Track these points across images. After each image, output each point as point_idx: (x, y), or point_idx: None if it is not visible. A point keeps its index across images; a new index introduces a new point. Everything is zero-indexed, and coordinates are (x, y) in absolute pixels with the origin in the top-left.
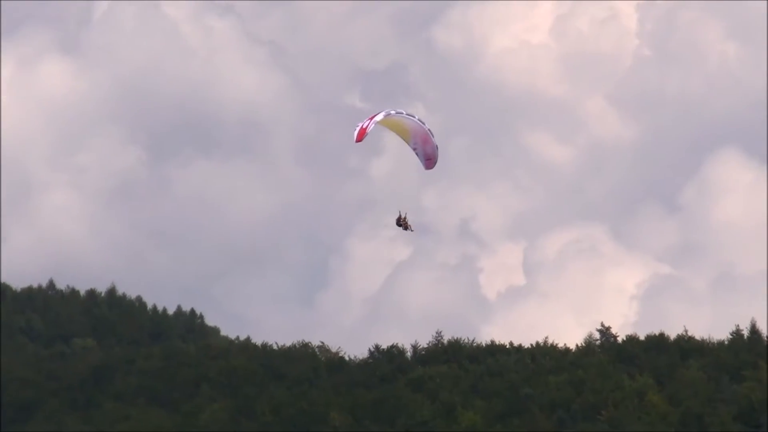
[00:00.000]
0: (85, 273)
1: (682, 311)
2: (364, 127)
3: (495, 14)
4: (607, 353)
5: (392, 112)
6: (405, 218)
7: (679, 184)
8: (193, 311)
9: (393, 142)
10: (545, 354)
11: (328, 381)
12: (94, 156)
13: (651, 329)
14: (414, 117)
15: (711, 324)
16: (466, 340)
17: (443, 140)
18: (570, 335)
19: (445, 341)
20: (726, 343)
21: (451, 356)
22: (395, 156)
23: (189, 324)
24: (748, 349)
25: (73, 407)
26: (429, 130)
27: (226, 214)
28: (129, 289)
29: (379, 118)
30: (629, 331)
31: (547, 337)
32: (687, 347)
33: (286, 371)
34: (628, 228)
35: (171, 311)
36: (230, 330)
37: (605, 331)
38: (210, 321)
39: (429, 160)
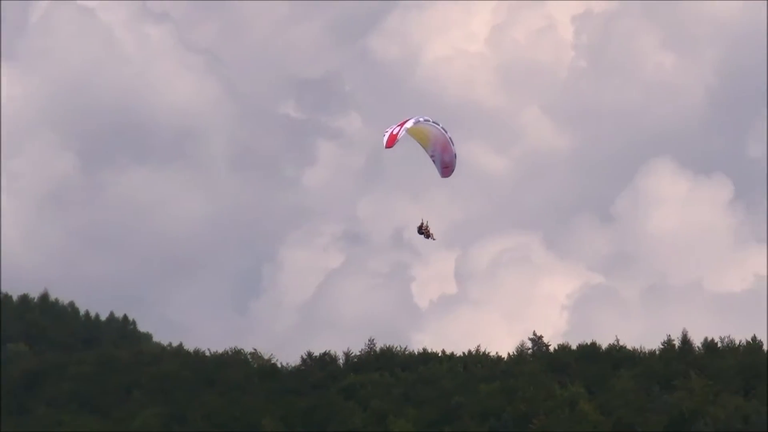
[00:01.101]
0: (18, 278)
1: (614, 321)
2: (395, 133)
3: (432, 22)
4: (539, 362)
5: (421, 119)
6: (427, 226)
7: (612, 195)
8: (125, 317)
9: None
10: (477, 362)
11: (261, 388)
12: (28, 162)
13: (583, 338)
14: (438, 125)
15: (642, 334)
16: (398, 348)
17: (379, 149)
18: (502, 344)
19: (378, 349)
20: (657, 353)
21: (383, 364)
22: (329, 165)
23: (121, 330)
24: (679, 359)
25: (6, 412)
26: (450, 138)
27: (160, 221)
28: (62, 294)
29: (410, 124)
30: (561, 340)
31: (479, 346)
32: (618, 357)
33: (219, 378)
34: (561, 238)
35: (104, 317)
36: (162, 336)
37: (537, 340)
38: (142, 327)
39: (446, 168)
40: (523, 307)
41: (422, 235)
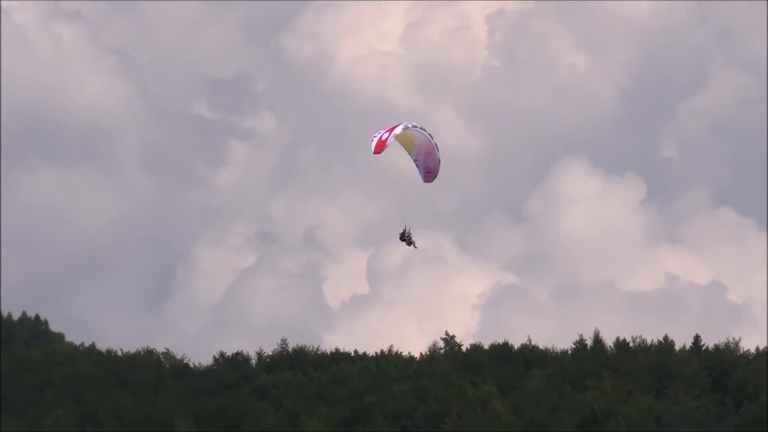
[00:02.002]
0: None
1: (526, 320)
2: (383, 139)
3: (345, 22)
4: (452, 362)
5: (410, 125)
6: (410, 234)
7: (525, 194)
8: (37, 317)
9: None
10: (389, 362)
11: (173, 388)
12: None
13: (495, 338)
14: (425, 131)
15: (555, 334)
16: (310, 348)
17: (292, 149)
18: (414, 343)
19: (290, 349)
20: (569, 352)
21: (295, 364)
22: (241, 165)
23: (34, 330)
24: (591, 359)
25: None
26: (435, 144)
27: (72, 221)
28: None
29: (398, 130)
30: (473, 340)
31: (391, 346)
32: (531, 356)
33: (131, 377)
34: (474, 237)
35: (16, 317)
36: (75, 336)
37: (450, 340)
38: (54, 327)
39: (429, 173)
40: (436, 307)
41: (404, 242)
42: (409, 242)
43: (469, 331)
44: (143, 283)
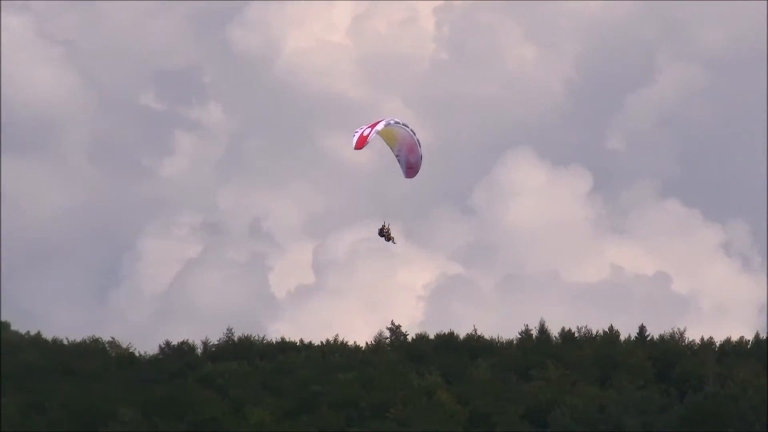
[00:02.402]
0: None
1: (472, 311)
2: (365, 135)
3: (292, 13)
4: (397, 351)
5: (392, 121)
6: (389, 229)
7: (471, 186)
8: None
9: None
10: (335, 352)
11: (118, 376)
12: None
13: (441, 328)
14: (407, 127)
15: (500, 324)
16: (256, 338)
17: (239, 140)
18: (360, 333)
19: (236, 338)
20: (515, 342)
21: (241, 353)
22: (188, 156)
23: None
24: (536, 349)
25: None
26: (418, 140)
27: (18, 211)
28: None
29: (380, 127)
30: (419, 330)
31: (337, 335)
32: (476, 346)
33: (77, 366)
34: (420, 228)
35: None
36: (21, 325)
37: (395, 330)
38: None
39: (411, 168)
40: (381, 297)
41: (383, 238)
42: (388, 238)
43: (415, 321)
44: (89, 272)
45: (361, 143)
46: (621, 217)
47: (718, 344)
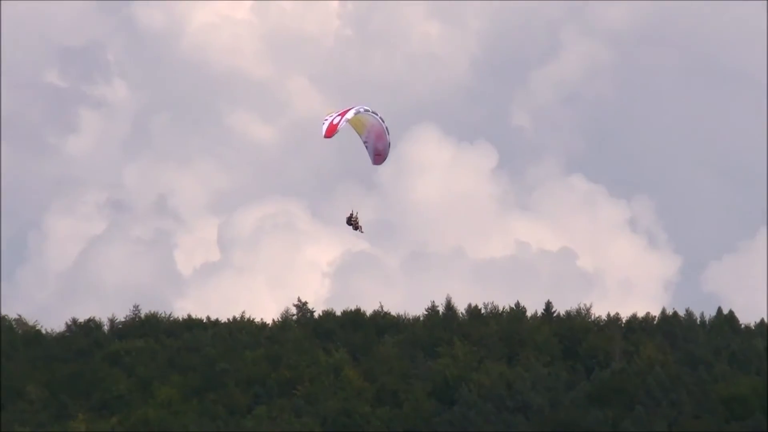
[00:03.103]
0: None
1: (378, 288)
2: (335, 123)
3: None
4: (304, 328)
5: (361, 109)
6: (356, 218)
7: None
8: None
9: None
10: (242, 329)
11: (25, 354)
12: None
13: (347, 305)
14: (377, 114)
15: (406, 301)
16: (163, 315)
17: (144, 118)
18: (267, 310)
19: (142, 315)
20: (421, 319)
21: (147, 330)
22: (92, 134)
23: None
24: (443, 326)
25: None
26: (386, 128)
27: None
28: None
29: (350, 115)
30: (325, 307)
31: (243, 312)
32: (383, 323)
33: None
34: (326, 205)
35: None
36: None
37: (302, 307)
38: None
39: (378, 155)
40: (288, 274)
41: (350, 227)
42: (356, 226)
43: (322, 297)
44: None
45: (331, 131)
46: (526, 194)
47: (624, 320)
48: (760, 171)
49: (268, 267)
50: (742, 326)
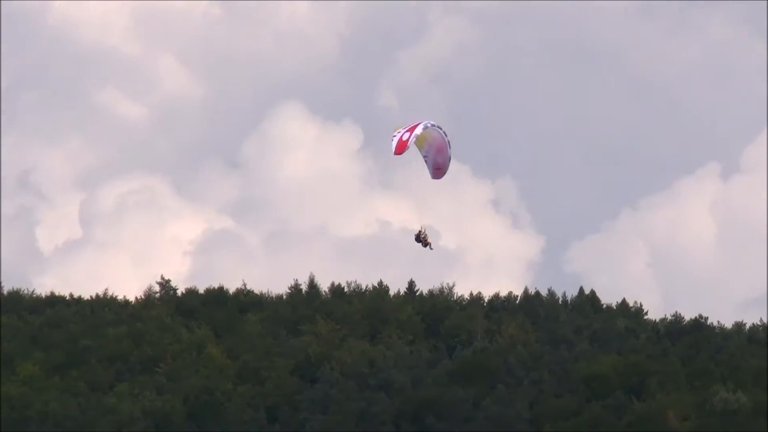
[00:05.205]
0: None
1: (242, 265)
2: (405, 140)
3: None
4: (167, 306)
5: (428, 124)
6: (426, 235)
7: (241, 141)
8: None
9: None
10: (105, 306)
11: None
12: None
13: (210, 282)
14: (441, 129)
15: (270, 278)
16: (25, 292)
17: (9, 93)
18: (130, 288)
19: (5, 292)
20: (285, 297)
21: (10, 307)
22: None
23: None
24: (306, 304)
25: None
26: (449, 141)
27: None
28: None
29: (419, 131)
30: (189, 284)
31: (106, 289)
32: (246, 301)
33: None
34: (190, 182)
35: None
36: None
37: (165, 284)
38: None
39: (438, 169)
40: (151, 251)
41: (419, 243)
42: (425, 243)
43: (184, 275)
44: None
45: (401, 148)
46: (391, 173)
47: (486, 299)
48: (623, 153)
49: (130, 244)
50: (604, 306)
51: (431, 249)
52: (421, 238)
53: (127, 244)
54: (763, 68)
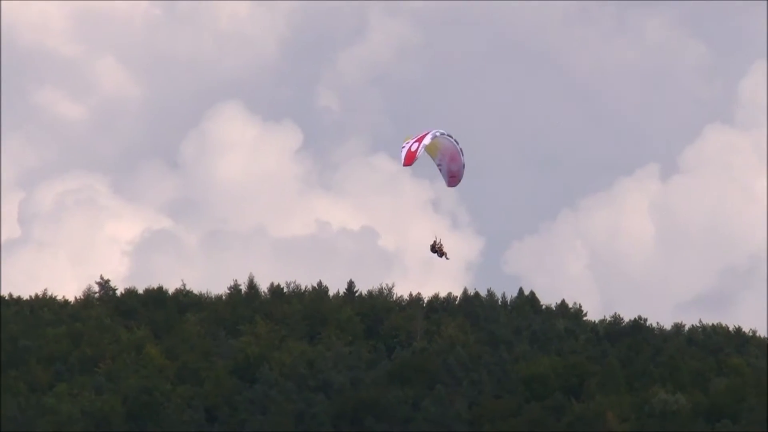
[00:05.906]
0: None
1: (180, 266)
2: (413, 150)
3: None
4: (106, 306)
5: (437, 133)
6: (441, 245)
7: (180, 141)
8: None
9: None
10: (44, 306)
11: None
12: None
13: (149, 283)
14: (451, 137)
15: (209, 279)
16: None
17: None
18: (69, 287)
19: None
20: (224, 298)
21: None
22: None
23: None
24: (245, 305)
25: None
26: (461, 149)
27: None
28: None
29: (427, 140)
30: (128, 285)
31: (45, 290)
32: (185, 301)
33: None
34: (129, 182)
35: None
36: None
37: (104, 284)
38: None
39: (453, 177)
40: (90, 251)
41: (435, 254)
42: (441, 253)
43: (123, 275)
44: None
45: (410, 159)
46: (330, 173)
47: (426, 300)
48: (562, 154)
49: (69, 243)
50: (543, 307)
51: (447, 259)
52: (436, 248)
53: (66, 243)
54: (700, 69)
